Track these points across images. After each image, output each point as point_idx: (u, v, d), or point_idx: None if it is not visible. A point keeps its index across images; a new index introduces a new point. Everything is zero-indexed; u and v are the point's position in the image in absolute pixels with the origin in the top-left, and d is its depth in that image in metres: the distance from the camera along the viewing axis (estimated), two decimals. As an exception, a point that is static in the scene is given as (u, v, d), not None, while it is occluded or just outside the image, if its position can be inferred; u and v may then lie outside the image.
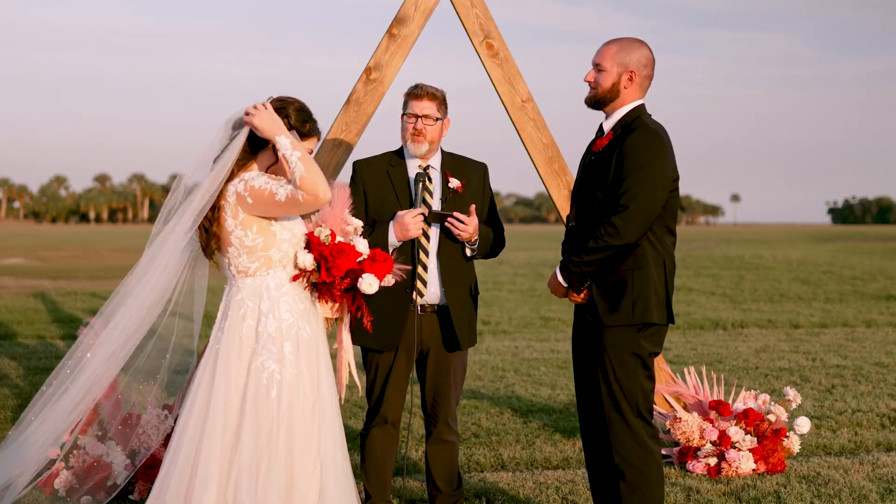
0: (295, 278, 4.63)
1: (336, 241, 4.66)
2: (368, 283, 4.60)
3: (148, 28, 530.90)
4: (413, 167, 5.65)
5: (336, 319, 4.82)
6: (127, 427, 6.10)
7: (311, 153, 4.73)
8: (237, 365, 4.49)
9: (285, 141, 4.47)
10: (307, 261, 4.63)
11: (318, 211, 4.75)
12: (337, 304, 4.74)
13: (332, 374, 4.71)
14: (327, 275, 4.61)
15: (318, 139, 4.79)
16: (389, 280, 4.72)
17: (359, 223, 4.81)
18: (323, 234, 4.69)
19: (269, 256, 4.55)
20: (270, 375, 4.48)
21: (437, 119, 5.59)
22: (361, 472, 5.72)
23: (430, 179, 5.60)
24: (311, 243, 4.65)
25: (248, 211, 4.50)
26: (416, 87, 5.64)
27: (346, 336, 4.89)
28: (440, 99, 5.61)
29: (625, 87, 4.93)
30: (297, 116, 4.68)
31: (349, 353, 4.91)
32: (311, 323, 4.66)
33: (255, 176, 4.53)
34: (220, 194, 4.54)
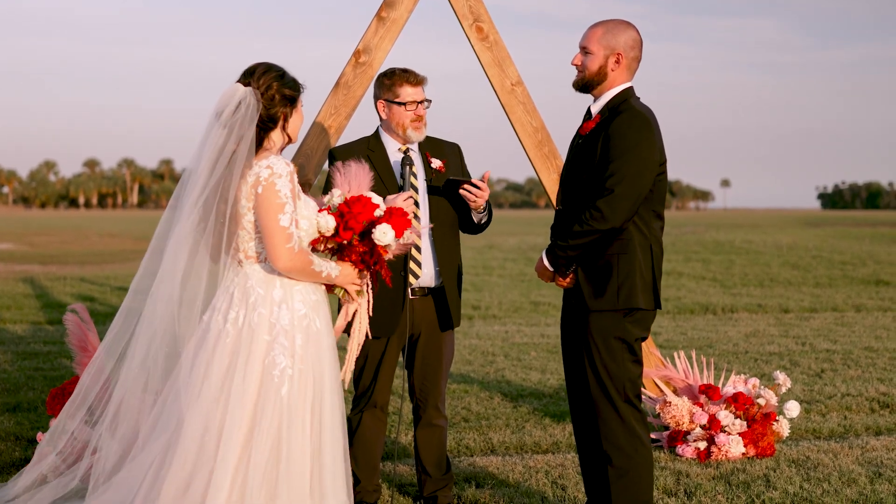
0: (314, 243, 4.57)
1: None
2: (383, 232, 4.53)
3: (136, 16, 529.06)
4: (393, 151, 5.65)
5: (357, 293, 4.75)
6: (117, 413, 6.06)
7: (301, 105, 4.65)
8: (252, 358, 4.39)
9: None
10: (330, 223, 4.57)
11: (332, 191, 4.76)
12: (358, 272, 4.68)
13: (337, 367, 4.62)
14: (345, 231, 4.55)
15: (299, 99, 4.65)
16: (408, 237, 4.67)
17: (380, 199, 4.75)
18: (335, 194, 4.66)
19: None
20: (282, 372, 4.39)
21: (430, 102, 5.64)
22: (350, 456, 5.70)
23: (412, 162, 5.60)
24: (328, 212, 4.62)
25: (250, 198, 4.43)
26: (409, 72, 5.61)
27: (364, 317, 4.84)
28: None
29: (612, 70, 4.90)
30: (284, 94, 4.55)
31: (362, 336, 4.86)
32: (321, 315, 4.58)
33: (285, 174, 4.40)
34: (242, 175, 4.42)
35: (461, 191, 5.50)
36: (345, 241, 4.59)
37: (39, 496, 5.06)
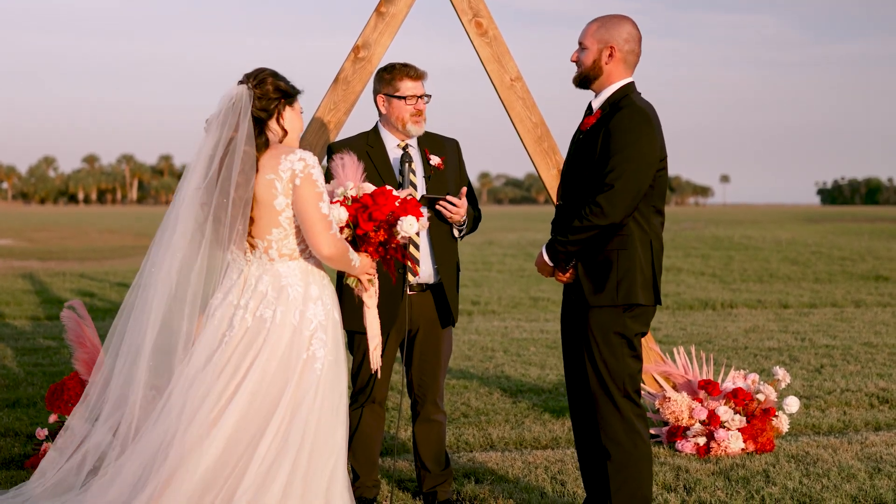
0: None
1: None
2: (409, 224, 4.66)
3: (135, 11, 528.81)
4: (392, 147, 5.64)
5: (369, 281, 4.87)
6: (115, 408, 6.06)
7: (301, 112, 4.75)
8: (295, 354, 4.51)
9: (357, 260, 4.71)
10: (342, 214, 4.66)
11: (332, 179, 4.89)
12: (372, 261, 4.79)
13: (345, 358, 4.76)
14: (367, 222, 4.64)
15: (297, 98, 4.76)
16: (424, 223, 4.77)
17: (373, 188, 4.83)
18: (349, 187, 4.74)
19: None
20: (322, 366, 4.54)
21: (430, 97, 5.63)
22: (349, 451, 5.71)
23: (411, 159, 5.60)
24: (341, 204, 4.72)
25: (287, 193, 4.50)
26: (409, 66, 5.61)
27: (373, 308, 4.95)
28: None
29: (605, 63, 4.88)
30: (278, 87, 4.64)
31: (377, 324, 4.99)
32: (338, 309, 4.73)
33: (317, 164, 4.52)
34: (256, 168, 4.49)
35: (437, 207, 5.51)
36: (362, 233, 4.67)
37: (40, 491, 5.08)
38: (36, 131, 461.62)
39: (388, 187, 4.79)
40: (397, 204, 4.70)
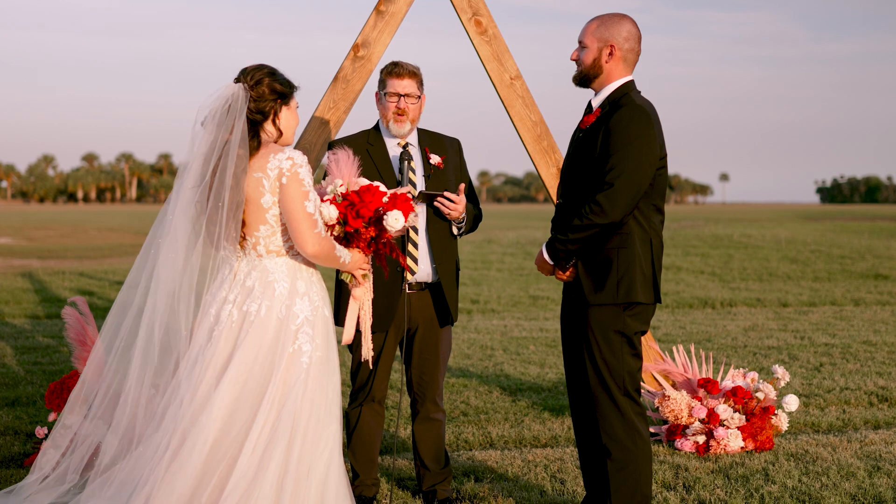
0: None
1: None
2: (395, 218, 4.71)
3: (135, 7, 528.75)
4: (392, 145, 5.65)
5: (363, 276, 4.94)
6: (109, 403, 6.06)
7: (296, 107, 4.78)
8: (282, 349, 4.56)
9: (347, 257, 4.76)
10: (332, 212, 4.71)
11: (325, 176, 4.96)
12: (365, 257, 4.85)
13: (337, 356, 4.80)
14: (355, 219, 4.70)
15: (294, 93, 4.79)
16: (412, 219, 4.83)
17: (368, 182, 4.88)
18: (337, 184, 4.79)
19: None
20: (309, 360, 4.59)
21: (419, 97, 5.60)
22: (348, 450, 5.72)
23: (411, 157, 5.60)
24: (331, 202, 4.77)
25: (274, 191, 4.54)
26: (396, 65, 5.61)
27: (357, 302, 5.01)
28: (419, 76, 5.64)
29: (605, 62, 4.89)
30: (274, 89, 4.67)
31: (369, 313, 5.06)
32: (328, 305, 4.78)
33: (305, 164, 4.57)
34: (247, 170, 4.54)
35: (436, 203, 5.51)
36: (352, 230, 4.71)
37: (40, 496, 5.11)
38: (35, 130, 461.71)
39: (376, 183, 4.84)
40: (385, 200, 4.75)
